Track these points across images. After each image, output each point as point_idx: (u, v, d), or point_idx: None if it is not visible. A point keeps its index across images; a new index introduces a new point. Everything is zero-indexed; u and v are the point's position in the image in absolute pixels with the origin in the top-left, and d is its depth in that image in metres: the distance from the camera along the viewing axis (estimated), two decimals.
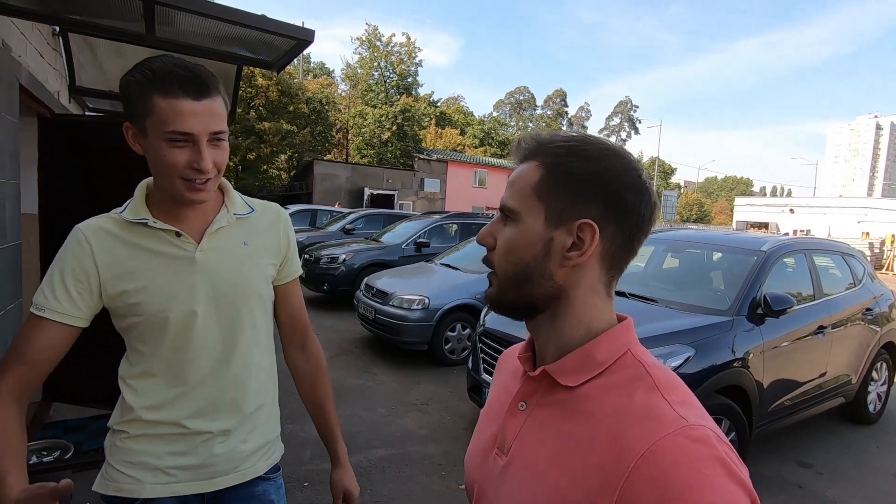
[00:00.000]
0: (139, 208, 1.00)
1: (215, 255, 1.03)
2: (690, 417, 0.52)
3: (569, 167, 0.59)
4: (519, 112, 59.33)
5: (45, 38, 3.18)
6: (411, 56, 30.60)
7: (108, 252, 0.97)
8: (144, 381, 1.02)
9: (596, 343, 0.59)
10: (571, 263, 0.59)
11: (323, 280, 7.39)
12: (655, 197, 0.61)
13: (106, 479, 1.02)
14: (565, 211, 0.59)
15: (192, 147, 0.91)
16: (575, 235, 0.58)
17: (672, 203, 34.81)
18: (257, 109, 21.19)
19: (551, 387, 0.61)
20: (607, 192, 0.58)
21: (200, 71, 0.91)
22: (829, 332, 3.57)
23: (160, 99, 0.88)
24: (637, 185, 0.59)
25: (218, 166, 0.96)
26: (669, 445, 0.49)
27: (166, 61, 0.90)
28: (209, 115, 0.91)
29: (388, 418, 3.81)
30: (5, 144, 2.22)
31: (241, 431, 1.07)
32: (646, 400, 0.54)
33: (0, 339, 2.17)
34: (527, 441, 0.61)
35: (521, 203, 0.61)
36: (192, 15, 2.10)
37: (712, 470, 0.48)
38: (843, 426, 4.08)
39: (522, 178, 0.61)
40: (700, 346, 2.87)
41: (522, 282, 0.61)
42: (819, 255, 4.04)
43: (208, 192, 0.98)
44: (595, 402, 0.57)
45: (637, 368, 0.58)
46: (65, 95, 3.73)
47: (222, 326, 1.04)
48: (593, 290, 0.61)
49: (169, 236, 1.00)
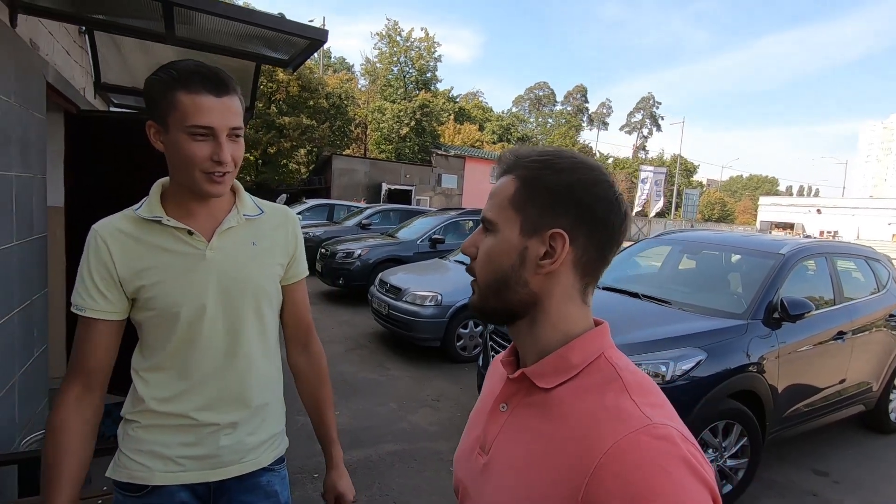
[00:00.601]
0: (154, 206, 1.04)
1: (224, 254, 1.07)
2: (655, 417, 0.53)
3: (542, 179, 0.62)
4: (538, 108, 58.80)
5: (72, 36, 3.28)
6: (430, 51, 30.55)
7: (123, 250, 1.02)
8: (155, 373, 1.06)
9: (570, 347, 0.62)
10: (544, 271, 0.61)
11: (339, 274, 7.48)
12: (626, 207, 0.63)
13: (118, 466, 1.07)
14: (539, 221, 0.61)
15: (213, 141, 0.97)
16: (547, 244, 0.61)
17: (693, 202, 34.16)
18: (278, 104, 21.41)
19: (530, 389, 0.63)
20: (579, 204, 0.61)
21: (220, 72, 0.98)
22: (850, 338, 3.48)
23: (184, 95, 0.94)
24: (608, 196, 0.61)
25: (235, 161, 1.02)
26: (632, 443, 0.51)
27: (189, 63, 0.97)
28: (228, 111, 0.97)
29: (399, 414, 3.85)
30: (33, 140, 2.30)
31: (247, 424, 1.11)
32: (615, 401, 0.56)
33: (27, 328, 2.26)
34: (506, 441, 0.63)
35: (498, 214, 0.64)
36: (211, 15, 2.14)
37: (675, 468, 0.49)
38: (862, 435, 3.99)
39: (500, 191, 0.64)
40: (713, 350, 2.83)
41: (501, 289, 0.63)
42: (841, 259, 3.94)
43: (225, 186, 1.03)
44: (568, 403, 0.59)
45: (609, 371, 0.60)
46: (90, 92, 3.84)
47: (229, 323, 1.08)
48: (568, 297, 0.63)
49: (181, 234, 1.04)
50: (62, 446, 0.97)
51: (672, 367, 2.70)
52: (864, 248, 4.39)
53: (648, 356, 2.75)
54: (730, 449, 2.87)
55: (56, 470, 0.96)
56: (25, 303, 2.22)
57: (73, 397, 1.00)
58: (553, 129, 50.91)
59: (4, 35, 1.94)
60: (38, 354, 2.44)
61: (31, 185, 2.31)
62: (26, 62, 2.20)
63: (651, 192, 30.93)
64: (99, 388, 1.04)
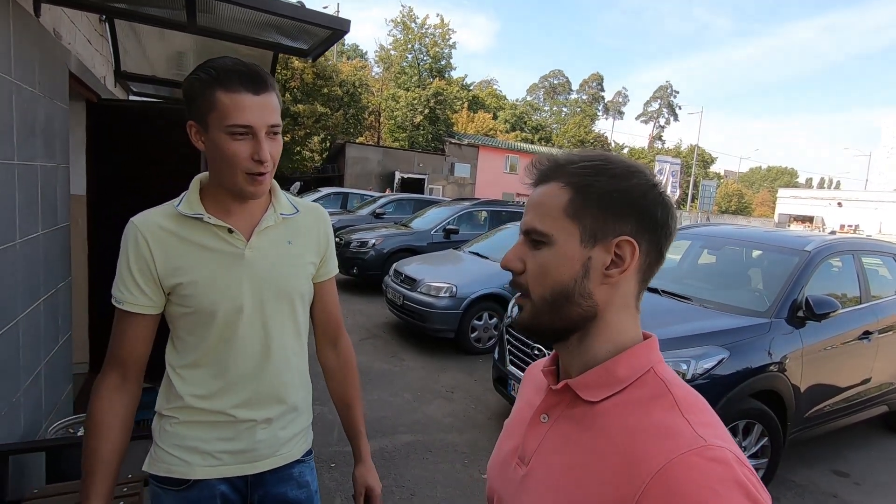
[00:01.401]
0: (194, 203, 1.04)
1: (262, 254, 1.08)
2: (709, 437, 0.51)
3: (598, 186, 0.60)
4: (553, 96, 58.07)
5: (93, 24, 3.28)
6: (445, 38, 30.23)
7: (162, 247, 1.02)
8: (192, 370, 1.08)
9: (618, 360, 0.60)
10: (612, 281, 0.60)
11: (353, 264, 7.50)
12: (675, 209, 0.63)
13: (156, 460, 1.08)
14: (601, 229, 0.59)
15: (252, 139, 0.97)
16: (613, 253, 0.59)
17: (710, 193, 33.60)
18: (292, 92, 21.41)
19: (573, 401, 0.62)
20: (639, 209, 0.59)
21: (258, 69, 0.97)
22: (876, 338, 3.41)
23: (223, 94, 0.94)
24: (662, 200, 0.61)
25: (274, 159, 1.02)
26: (685, 464, 0.49)
27: (226, 61, 0.96)
28: (266, 108, 0.97)
29: (413, 405, 3.87)
30: (56, 130, 2.31)
31: (281, 419, 1.14)
32: (664, 418, 0.54)
33: (52, 316, 2.29)
34: (546, 453, 0.62)
35: (551, 225, 0.60)
36: (233, 5, 2.12)
37: (729, 492, 0.47)
38: (886, 436, 3.92)
39: (549, 200, 0.61)
40: (735, 348, 2.78)
41: (561, 304, 0.61)
42: (868, 256, 3.84)
43: (266, 186, 1.04)
44: (613, 417, 0.58)
45: (658, 386, 0.58)
46: (111, 80, 3.86)
47: (266, 323, 1.09)
48: (626, 306, 0.62)
49: (222, 232, 1.05)
50: (101, 434, 1.00)
51: (693, 366, 2.66)
52: (891, 246, 4.27)
53: (669, 354, 2.71)
54: (750, 449, 2.83)
55: (94, 457, 0.99)
56: (51, 291, 2.25)
57: (111, 386, 1.02)
58: (568, 118, 50.25)
59: (28, 25, 1.94)
60: (63, 342, 2.48)
61: (55, 175, 2.33)
62: (50, 51, 2.21)
63: (667, 183, 30.49)
64: (135, 379, 1.06)
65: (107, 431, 1.00)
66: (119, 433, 1.02)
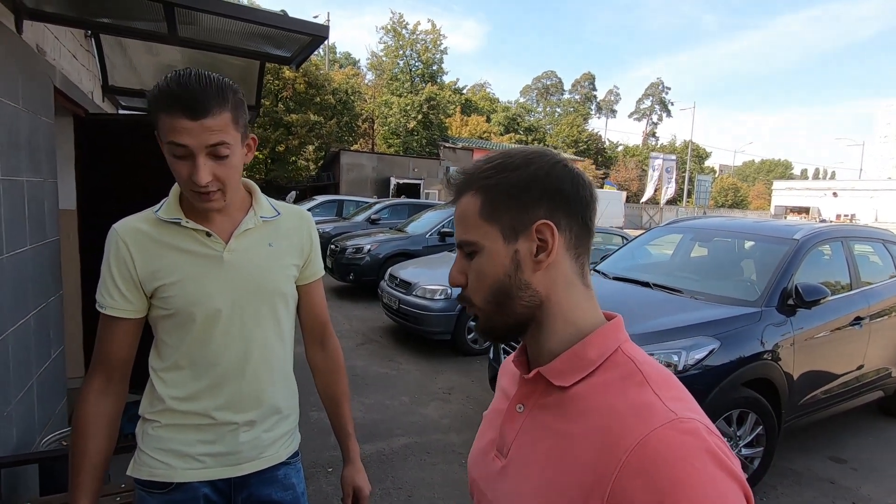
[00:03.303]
0: (173, 208, 1.06)
1: (241, 256, 1.09)
2: (680, 411, 0.53)
3: (503, 182, 0.62)
4: (546, 97, 58.25)
5: (79, 40, 3.30)
6: (436, 43, 30.35)
7: (142, 251, 1.04)
8: (173, 373, 1.09)
9: (586, 342, 0.61)
10: (544, 265, 0.61)
11: (349, 270, 7.51)
12: (587, 177, 0.64)
13: (139, 464, 1.10)
14: (518, 221, 0.61)
15: (191, 160, 0.96)
16: (535, 239, 0.61)
17: (706, 188, 33.69)
18: (285, 101, 21.45)
19: (547, 388, 0.63)
20: (545, 189, 0.61)
21: (199, 92, 0.93)
22: (867, 324, 3.42)
23: (162, 114, 0.95)
24: (568, 172, 0.62)
25: (221, 179, 0.99)
26: (659, 438, 0.50)
27: (171, 81, 0.94)
28: (205, 131, 0.94)
29: (410, 407, 3.88)
30: (42, 144, 2.33)
31: (264, 422, 1.14)
32: (636, 396, 0.55)
33: (44, 330, 2.30)
34: (524, 443, 0.63)
35: (475, 233, 0.63)
36: (212, 15, 2.15)
37: (702, 462, 0.48)
38: (881, 421, 3.93)
39: (466, 211, 0.64)
40: (726, 338, 2.80)
41: (502, 301, 0.62)
42: (858, 243, 3.86)
43: (217, 203, 1.03)
44: (588, 400, 0.58)
45: (628, 365, 0.59)
46: (98, 95, 3.88)
47: (246, 324, 1.10)
48: (570, 284, 0.63)
49: (200, 236, 1.06)
50: (88, 434, 1.02)
51: (684, 357, 2.68)
52: (881, 232, 4.30)
53: (660, 346, 2.73)
54: (745, 438, 2.84)
55: (82, 455, 1.02)
56: (41, 306, 2.26)
57: (96, 390, 1.04)
58: (561, 118, 50.38)
59: (10, 41, 1.96)
60: (56, 356, 2.48)
61: (43, 189, 2.34)
62: (33, 67, 2.23)
63: (662, 179, 30.56)
64: (120, 380, 1.08)
65: (94, 431, 1.02)
66: (105, 433, 1.04)
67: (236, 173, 1.03)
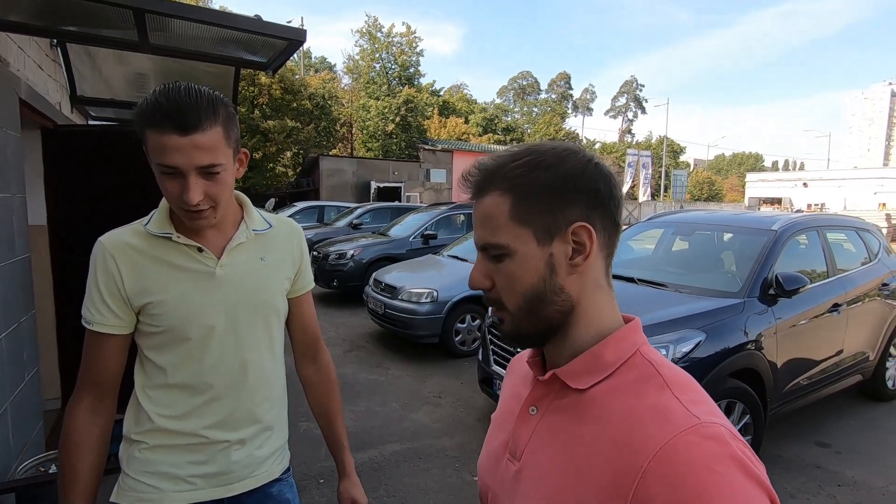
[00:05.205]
0: (163, 222, 1.03)
1: (234, 271, 1.06)
2: (702, 415, 0.51)
3: (535, 183, 0.59)
4: (523, 97, 58.71)
5: (44, 49, 3.19)
6: (412, 46, 30.34)
7: (131, 266, 1.00)
8: (162, 391, 1.04)
9: (604, 344, 0.59)
10: (580, 269, 0.60)
11: (332, 276, 7.43)
12: (615, 175, 0.62)
13: (125, 489, 1.05)
14: (552, 224, 0.59)
15: (182, 179, 0.92)
16: (571, 241, 0.59)
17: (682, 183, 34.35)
18: (261, 108, 21.17)
19: (562, 390, 0.61)
20: (582, 190, 0.59)
21: (193, 103, 0.89)
22: (845, 310, 3.51)
23: (150, 131, 0.90)
24: (601, 172, 0.60)
25: (212, 198, 0.96)
26: (682, 444, 0.49)
27: (158, 95, 0.90)
28: (196, 149, 0.90)
29: (401, 413, 3.84)
30: (9, 159, 2.24)
31: (256, 439, 1.11)
32: (656, 399, 0.54)
33: (16, 352, 2.21)
34: (538, 446, 0.61)
35: (504, 236, 0.60)
36: (185, 21, 2.09)
37: (727, 468, 0.47)
38: (862, 404, 4.03)
39: (493, 211, 0.60)
40: (711, 330, 2.84)
41: (536, 306, 0.60)
42: (832, 232, 3.96)
43: (208, 220, 1.00)
44: (605, 403, 0.57)
45: (646, 368, 0.58)
46: (67, 106, 3.75)
47: (240, 341, 1.07)
48: (598, 286, 0.62)
49: (191, 251, 1.03)
50: (78, 453, 0.98)
51: (672, 350, 2.70)
52: (853, 220, 4.43)
53: (649, 340, 2.75)
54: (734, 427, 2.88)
55: (73, 474, 0.98)
56: (12, 326, 2.17)
57: (85, 410, 1.00)
58: (538, 118, 50.80)
59: None
60: (30, 377, 2.39)
61: (11, 205, 2.25)
62: None
63: (639, 175, 31.03)
64: (110, 398, 1.04)
65: (85, 453, 0.99)
66: (98, 453, 1.01)
67: (228, 190, 1.00)
